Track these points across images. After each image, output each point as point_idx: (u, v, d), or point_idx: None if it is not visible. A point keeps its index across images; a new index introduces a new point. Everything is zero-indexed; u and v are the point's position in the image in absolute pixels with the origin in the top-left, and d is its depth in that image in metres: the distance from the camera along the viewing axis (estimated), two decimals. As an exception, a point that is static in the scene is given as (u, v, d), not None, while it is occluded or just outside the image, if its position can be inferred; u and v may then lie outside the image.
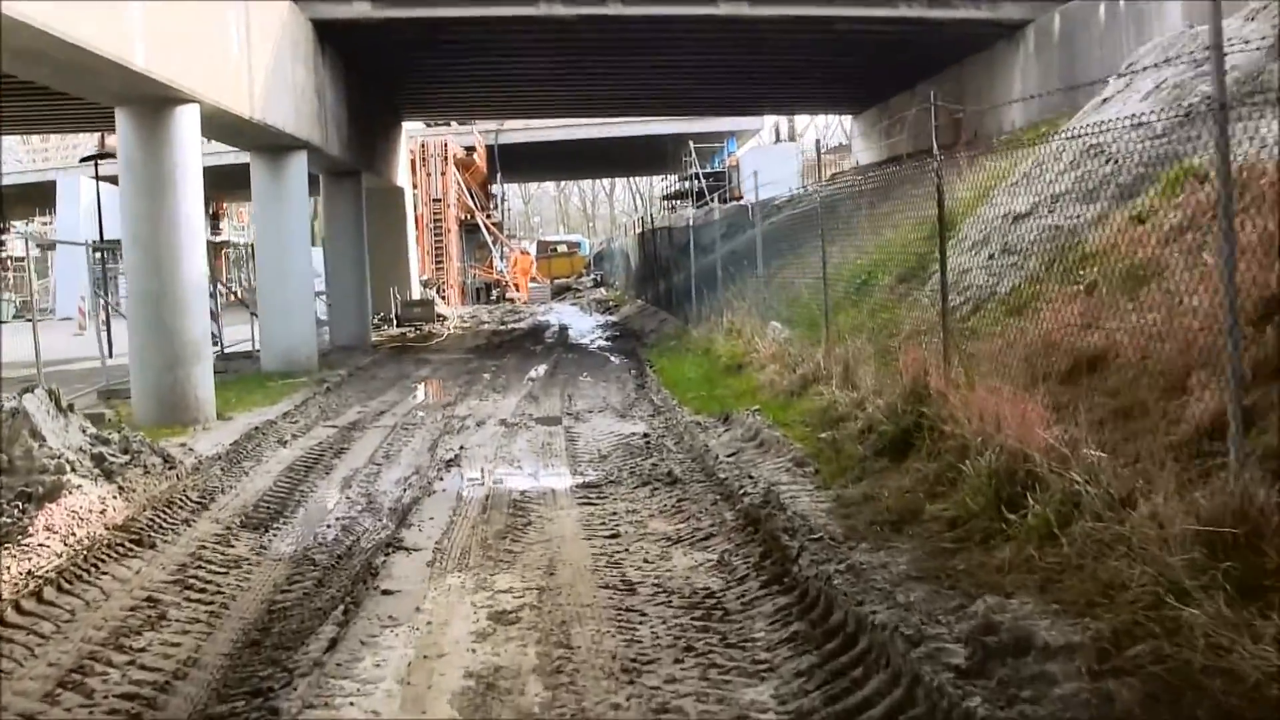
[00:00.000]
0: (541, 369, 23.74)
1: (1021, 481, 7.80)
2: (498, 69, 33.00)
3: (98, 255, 23.83)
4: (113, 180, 49.72)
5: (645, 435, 14.33)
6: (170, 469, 12.47)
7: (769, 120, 65.35)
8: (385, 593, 8.23)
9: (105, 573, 8.89)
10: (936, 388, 10.15)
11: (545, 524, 10.14)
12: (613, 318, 41.82)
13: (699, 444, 13.06)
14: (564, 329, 37.15)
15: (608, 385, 20.21)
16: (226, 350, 26.21)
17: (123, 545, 9.59)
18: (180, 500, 11.36)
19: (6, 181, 63.73)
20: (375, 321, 37.52)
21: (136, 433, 13.13)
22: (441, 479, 12.42)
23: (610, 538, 9.51)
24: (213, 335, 25.77)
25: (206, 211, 71.80)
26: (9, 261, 74.64)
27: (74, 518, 9.93)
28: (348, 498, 11.70)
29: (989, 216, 15.29)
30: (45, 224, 70.61)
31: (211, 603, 8.25)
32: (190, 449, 14.26)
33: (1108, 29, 24.42)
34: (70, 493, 10.34)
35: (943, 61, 31.66)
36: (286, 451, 14.45)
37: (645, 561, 8.72)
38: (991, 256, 14.23)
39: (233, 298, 35.67)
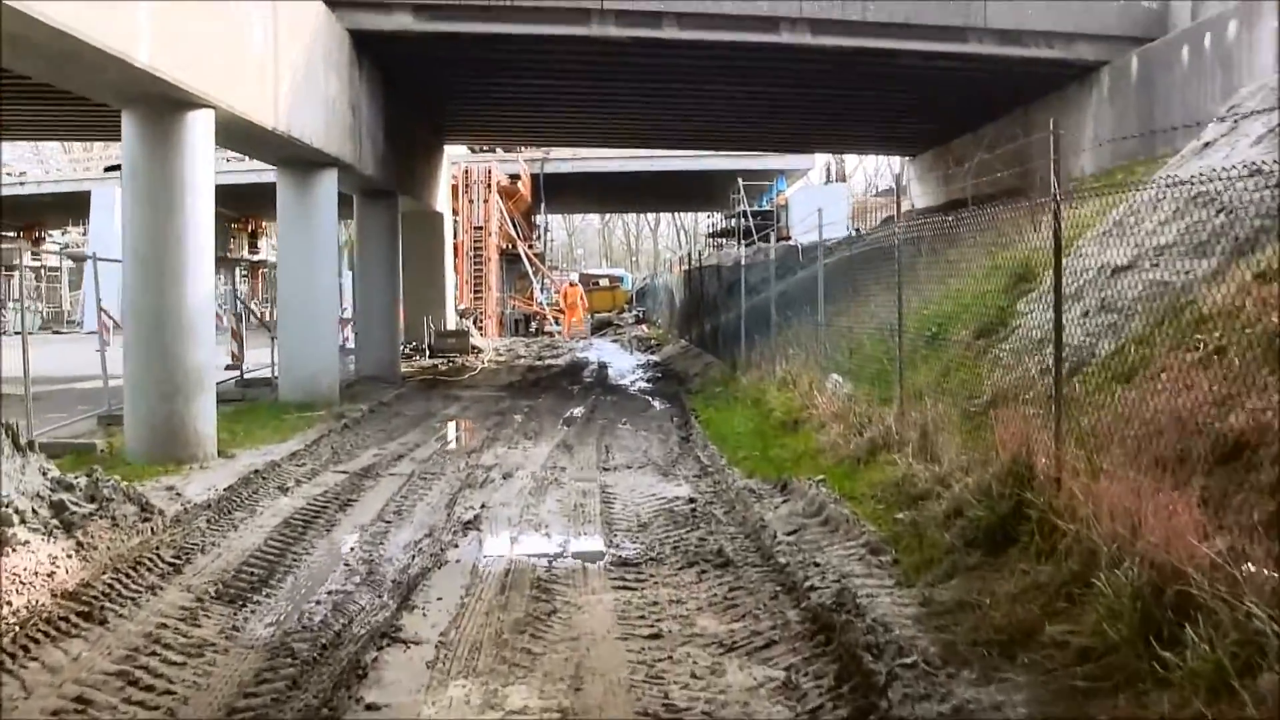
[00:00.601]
0: (578, 412, 22.16)
1: (1173, 605, 6.16)
2: (544, 93, 31.59)
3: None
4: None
5: (691, 501, 12.63)
6: (145, 520, 10.92)
7: (819, 160, 63.95)
8: (370, 707, 6.64)
9: (35, 658, 7.34)
10: (1045, 471, 8.51)
11: (573, 613, 8.51)
12: (654, 357, 40.09)
13: (753, 517, 11.38)
14: (603, 367, 35.46)
15: (649, 435, 18.54)
16: (247, 375, 24.80)
17: (66, 620, 8.03)
18: (150, 561, 9.81)
19: (43, 190, 63.17)
20: (407, 351, 36.19)
21: (110, 476, 11.52)
22: (457, 545, 10.81)
23: (650, 638, 7.86)
24: (235, 358, 24.53)
25: (244, 229, 71.48)
26: (42, 271, 74.04)
27: (15, 582, 8.39)
28: (346, 565, 10.07)
29: (1077, 268, 13.68)
30: (82, 234, 69.89)
31: (156, 707, 6.65)
32: (178, 494, 12.79)
33: (1191, 71, 22.82)
34: (15, 550, 8.83)
35: (1008, 103, 30.13)
36: (286, 501, 12.87)
37: (693, 677, 7.07)
38: (1086, 313, 12.59)
39: (258, 320, 34.26)
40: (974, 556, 8.50)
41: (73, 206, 64.03)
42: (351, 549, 10.72)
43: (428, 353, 36.81)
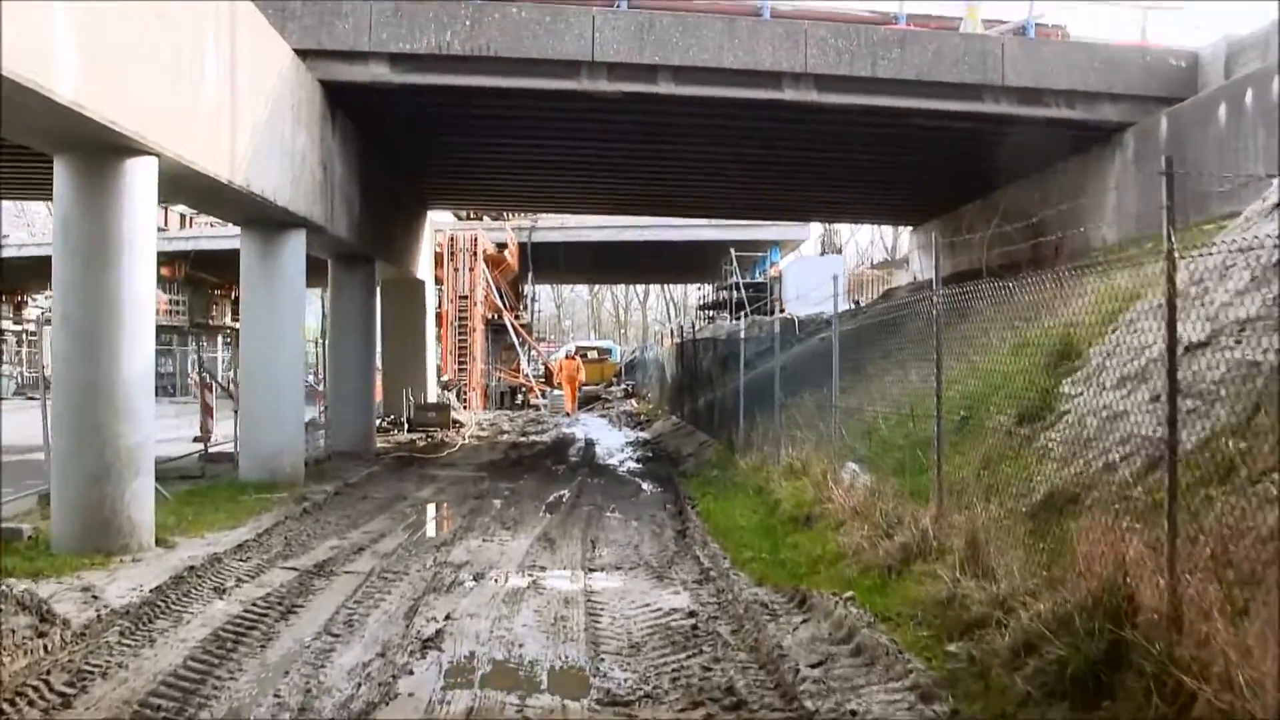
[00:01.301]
0: (562, 495, 20.32)
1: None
2: (529, 153, 29.70)
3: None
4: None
5: (692, 614, 10.72)
6: (40, 635, 9.09)
7: (814, 231, 62.67)
8: None
9: None
10: (1154, 605, 6.71)
11: (549, 779, 6.70)
12: (644, 434, 38.00)
13: (767, 640, 9.46)
14: (590, 445, 33.34)
15: (640, 526, 16.64)
16: (213, 450, 22.98)
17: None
18: (35, 690, 7.99)
19: (24, 253, 61.49)
20: (384, 425, 34.48)
21: (2, 581, 9.70)
22: (412, 671, 8.93)
23: (648, 823, 6.05)
24: (204, 431, 22.75)
25: (227, 295, 69.85)
26: (24, 335, 72.36)
27: None
28: (276, 697, 8.20)
29: (1133, 345, 12.01)
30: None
31: None
32: (94, 596, 10.98)
33: (1230, 131, 21.18)
34: None
35: (1023, 168, 28.56)
36: (221, 606, 11.01)
37: None
38: (1156, 398, 10.82)
39: (225, 390, 32.44)
40: (1059, 711, 6.70)
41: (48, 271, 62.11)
42: (286, 673, 8.85)
43: (406, 427, 34.95)
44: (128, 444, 13.59)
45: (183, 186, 16.20)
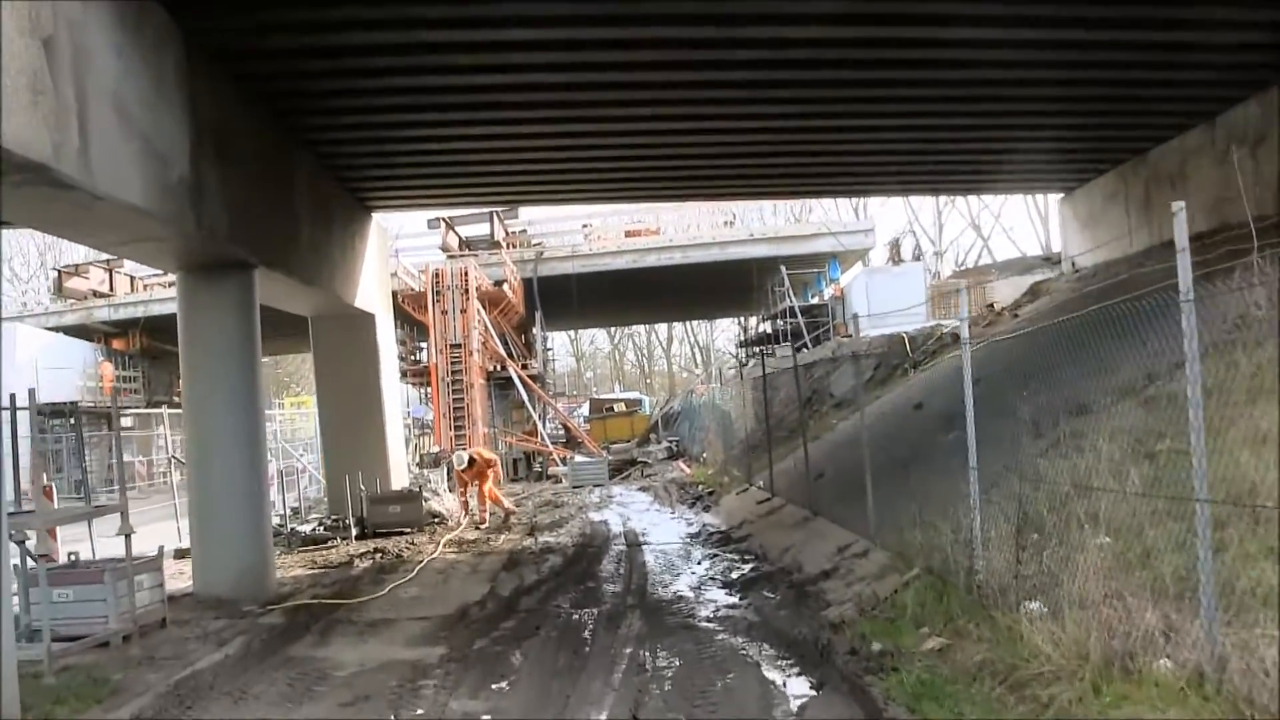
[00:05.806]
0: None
1: None
2: (501, 101, 17.75)
3: None
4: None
5: None
6: None
7: (879, 239, 51.79)
8: None
9: None
10: None
11: None
12: (713, 520, 24.50)
13: None
14: (636, 548, 20.32)
15: None
16: None
17: None
18: None
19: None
20: (323, 530, 22.80)
21: None
22: None
23: None
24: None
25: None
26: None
27: None
28: None
29: None
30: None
31: None
32: None
33: None
34: None
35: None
36: None
37: None
38: None
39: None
40: None
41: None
42: None
43: (358, 529, 22.97)
44: None
45: None
